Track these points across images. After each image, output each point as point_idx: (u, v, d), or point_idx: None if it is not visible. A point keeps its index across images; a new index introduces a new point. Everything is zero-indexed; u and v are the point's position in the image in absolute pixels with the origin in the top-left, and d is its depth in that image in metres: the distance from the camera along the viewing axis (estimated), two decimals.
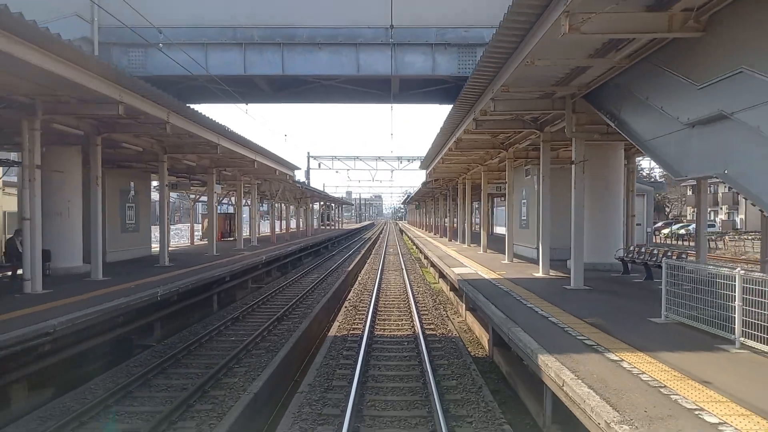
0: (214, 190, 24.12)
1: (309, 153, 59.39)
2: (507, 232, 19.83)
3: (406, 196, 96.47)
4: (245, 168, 25.67)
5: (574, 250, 12.39)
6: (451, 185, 36.75)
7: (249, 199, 33.96)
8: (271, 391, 8.92)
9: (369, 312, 14.78)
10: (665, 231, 50.62)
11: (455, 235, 35.87)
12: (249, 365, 10.08)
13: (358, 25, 14.58)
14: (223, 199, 36.14)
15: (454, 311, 16.61)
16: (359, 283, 23.01)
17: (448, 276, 17.95)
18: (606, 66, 9.49)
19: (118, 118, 12.58)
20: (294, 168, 31.56)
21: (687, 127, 7.49)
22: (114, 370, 9.83)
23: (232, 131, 18.30)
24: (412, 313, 14.95)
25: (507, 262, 18.93)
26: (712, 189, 56.51)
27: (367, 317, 14.07)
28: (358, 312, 15.66)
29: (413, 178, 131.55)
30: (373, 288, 19.95)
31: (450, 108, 15.54)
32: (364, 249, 41.69)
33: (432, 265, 25.33)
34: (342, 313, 15.66)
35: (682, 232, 47.11)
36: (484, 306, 10.80)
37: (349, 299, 18.40)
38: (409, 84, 16.78)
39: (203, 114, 15.08)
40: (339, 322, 14.32)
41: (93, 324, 9.81)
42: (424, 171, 35.19)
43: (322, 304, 15.82)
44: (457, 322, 14.85)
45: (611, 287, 12.57)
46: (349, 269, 25.84)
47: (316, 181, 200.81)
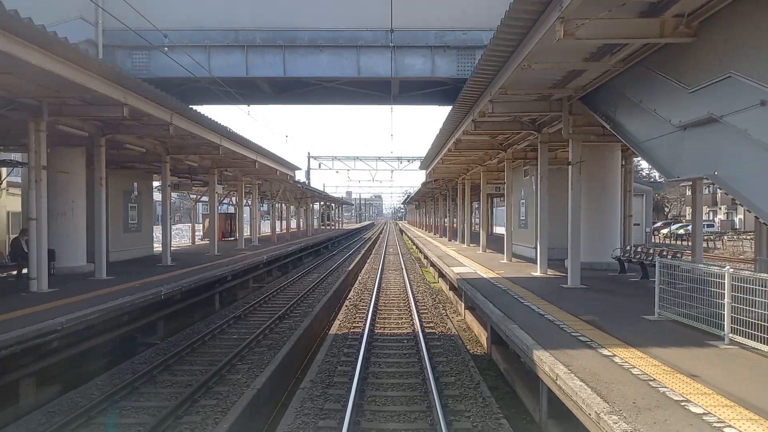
0: (215, 191, 24.32)
1: (309, 153, 59.61)
2: (506, 232, 20.02)
3: (406, 196, 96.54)
4: (246, 168, 25.86)
5: (571, 249, 12.58)
6: (451, 185, 36.92)
7: (250, 199, 34.14)
8: (274, 387, 9.12)
9: (369, 311, 14.97)
10: (664, 231, 50.81)
11: (455, 235, 36.06)
12: (252, 362, 10.25)
13: (359, 28, 14.77)
14: (224, 199, 36.32)
15: (453, 310, 16.79)
16: (359, 282, 23.19)
17: (447, 275, 18.13)
18: (601, 69, 9.70)
19: (123, 119, 12.79)
20: (294, 168, 31.73)
21: (679, 129, 7.69)
22: (120, 366, 10.01)
23: (234, 132, 18.50)
24: (412, 311, 15.13)
25: (506, 261, 19.11)
26: (710, 189, 56.54)
27: (367, 316, 14.26)
28: (359, 311, 15.84)
29: (413, 179, 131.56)
30: (373, 287, 20.13)
31: (449, 109, 15.72)
32: (364, 249, 41.85)
33: (431, 264, 25.51)
34: (343, 312, 15.85)
35: (681, 232, 47.29)
36: (482, 304, 10.99)
37: (349, 298, 18.58)
38: (408, 86, 16.95)
39: (205, 115, 15.26)
40: (340, 320, 14.51)
41: (99, 322, 10.01)
42: (424, 171, 35.33)
43: (322, 303, 15.99)
44: (456, 321, 15.04)
45: (607, 286, 12.76)
46: (349, 269, 26.00)
47: (317, 181, 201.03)
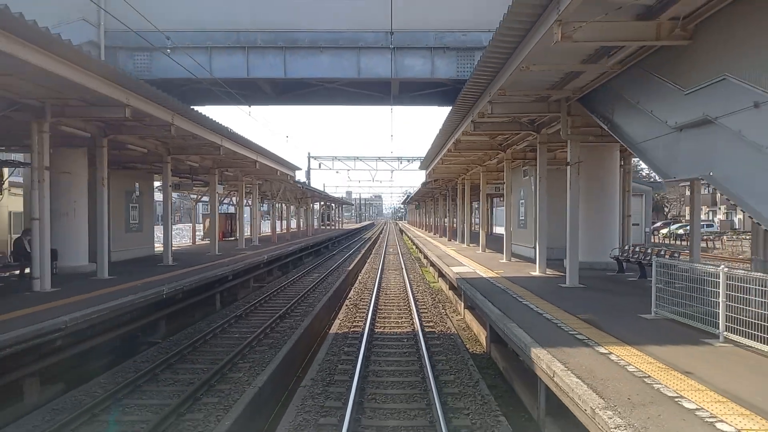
0: (216, 191, 24.43)
1: (309, 153, 59.74)
2: (505, 232, 20.12)
3: (406, 196, 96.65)
4: (247, 168, 25.95)
5: (569, 249, 12.67)
6: (451, 185, 37.02)
7: (250, 199, 34.24)
8: (275, 385, 9.23)
9: (369, 310, 15.07)
10: (664, 231, 50.87)
11: (455, 234, 36.16)
12: (253, 361, 10.36)
13: (359, 30, 14.89)
14: (225, 199, 36.43)
15: (453, 309, 16.89)
16: (359, 282, 23.30)
17: (447, 275, 18.23)
18: (598, 71, 9.80)
19: (125, 120, 12.91)
20: (295, 168, 31.82)
21: (675, 130, 7.79)
22: (122, 365, 10.12)
23: (235, 133, 18.61)
24: (412, 311, 15.23)
25: (505, 261, 19.21)
26: (709, 189, 56.58)
27: (367, 315, 14.36)
28: (359, 310, 15.95)
29: (413, 179, 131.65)
30: (374, 287, 20.23)
31: (449, 110, 15.83)
32: (365, 249, 41.96)
33: (431, 264, 25.61)
34: (343, 311, 15.95)
35: (681, 232, 47.35)
36: (481, 304, 11.09)
37: (349, 298, 18.68)
38: (408, 86, 17.06)
39: (207, 116, 15.35)
40: (340, 319, 14.61)
41: (101, 321, 10.10)
42: (424, 171, 35.42)
43: (323, 302, 16.09)
44: (456, 320, 15.14)
45: (606, 285, 12.86)
46: (349, 269, 26.10)
47: (317, 181, 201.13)
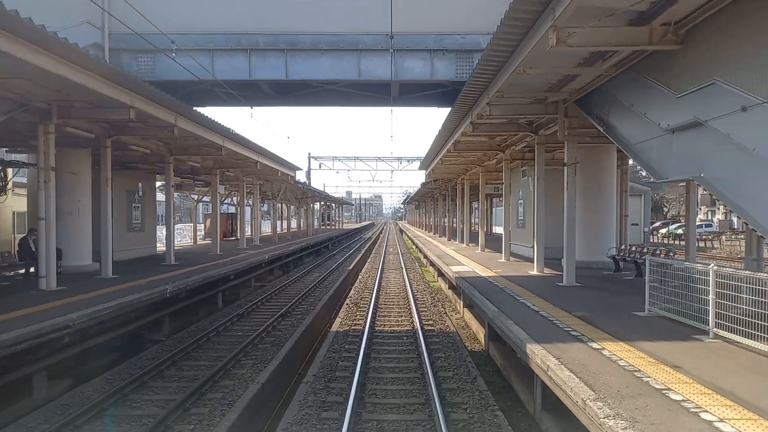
0: (217, 191, 24.63)
1: (310, 154, 59.90)
2: (504, 232, 20.33)
3: (406, 196, 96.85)
4: (248, 169, 26.16)
5: (566, 248, 12.88)
6: (450, 185, 37.22)
7: (251, 199, 34.45)
8: (278, 381, 9.44)
9: (369, 309, 15.28)
10: (663, 231, 51.08)
11: (454, 234, 36.36)
12: (256, 358, 10.57)
13: (360, 32, 15.08)
14: (226, 199, 36.62)
15: (452, 308, 17.09)
16: (360, 281, 23.50)
17: (446, 274, 18.44)
18: (594, 74, 10.01)
19: (129, 121, 13.10)
20: (295, 169, 32.03)
21: (667, 132, 8.00)
22: (129, 361, 10.33)
23: (236, 133, 18.82)
24: (412, 310, 15.43)
25: (504, 260, 19.42)
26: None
27: (367, 314, 14.57)
28: (359, 309, 16.15)
29: (413, 179, 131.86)
30: (374, 286, 20.43)
31: (448, 111, 16.04)
32: (365, 249, 42.17)
33: (431, 263, 25.81)
34: (344, 310, 16.15)
35: (680, 231, 47.54)
36: (479, 302, 11.30)
37: (350, 297, 18.89)
38: (408, 88, 17.24)
39: (209, 117, 15.56)
40: (341, 318, 14.82)
41: (108, 318, 10.32)
42: (424, 171, 35.63)
43: (324, 301, 16.30)
44: (455, 319, 15.34)
45: (602, 284, 13.07)
46: (349, 268, 26.30)
47: (317, 181, 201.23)
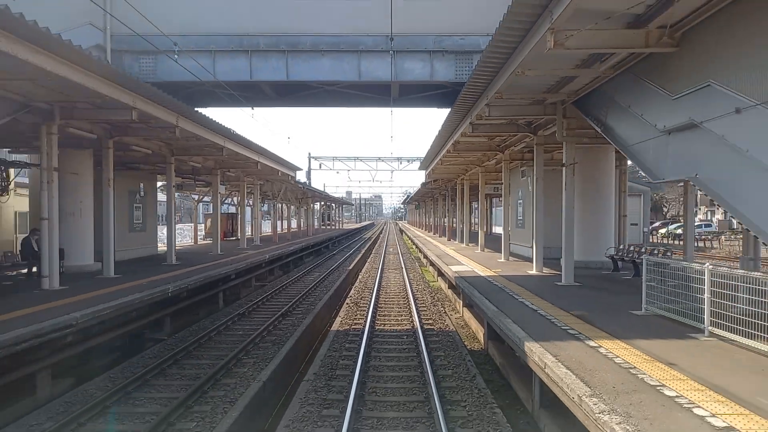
0: (218, 191, 24.74)
1: (310, 154, 60.01)
2: (503, 232, 20.43)
3: (406, 196, 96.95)
4: (249, 169, 26.26)
5: (564, 248, 12.98)
6: (450, 186, 37.33)
7: (251, 199, 34.56)
8: (279, 379, 9.54)
9: (370, 308, 15.39)
10: (662, 231, 51.17)
11: (454, 234, 36.47)
12: (257, 357, 10.67)
13: (360, 34, 15.20)
14: (226, 199, 36.72)
15: (451, 308, 17.19)
16: (360, 281, 23.61)
17: (446, 274, 18.54)
18: (591, 76, 10.11)
19: (131, 122, 13.21)
20: (296, 169, 32.14)
21: (664, 133, 8.10)
22: (131, 360, 10.43)
23: (237, 134, 18.92)
24: (411, 309, 15.54)
25: (503, 260, 19.52)
26: None
27: (368, 313, 14.68)
28: (359, 308, 16.26)
29: (413, 178, 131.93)
30: (374, 286, 20.54)
31: (448, 111, 16.14)
32: (365, 249, 42.27)
33: (431, 263, 25.92)
34: (344, 309, 16.26)
35: (679, 231, 47.60)
36: (479, 301, 11.40)
37: (350, 296, 19.00)
38: (408, 89, 17.36)
39: (210, 118, 15.65)
40: (341, 317, 14.92)
41: (110, 318, 10.42)
42: (424, 171, 35.74)
43: (324, 301, 16.40)
44: (455, 318, 15.45)
45: (600, 284, 13.17)
46: (349, 268, 26.39)
47: (317, 181, 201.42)
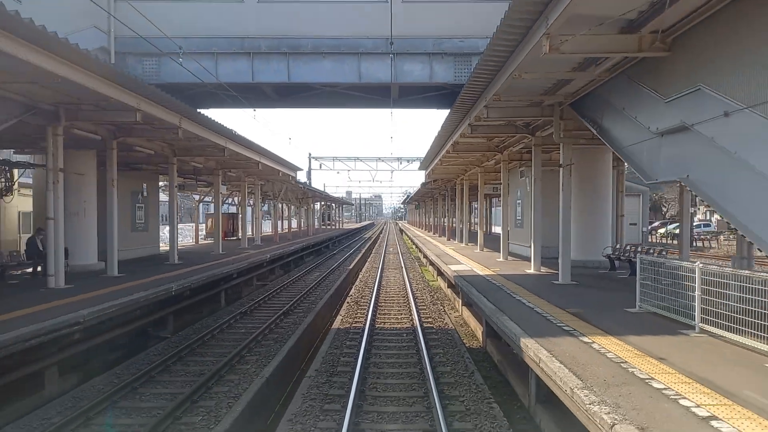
0: (219, 191, 24.95)
1: (310, 154, 60.24)
2: (502, 232, 20.64)
3: (406, 196, 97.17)
4: (250, 169, 26.48)
5: (561, 248, 13.19)
6: (450, 186, 37.54)
7: (252, 199, 34.77)
8: (282, 376, 9.75)
9: (370, 307, 15.59)
10: (661, 231, 51.34)
11: (454, 234, 36.68)
12: (259, 354, 10.89)
13: (360, 36, 15.41)
14: (227, 199, 36.93)
15: (451, 307, 17.40)
16: (360, 280, 23.82)
17: (445, 273, 18.75)
18: (587, 79, 10.33)
19: (135, 123, 13.43)
20: (296, 169, 32.37)
21: (657, 135, 8.32)
22: (135, 357, 10.65)
23: (239, 135, 19.14)
24: (411, 308, 15.75)
25: (502, 260, 19.72)
26: None
27: (368, 311, 14.88)
28: (360, 307, 16.47)
29: (413, 178, 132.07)
30: (374, 285, 20.74)
31: (447, 112, 16.36)
32: (365, 248, 42.47)
33: (431, 263, 26.13)
34: (344, 308, 16.48)
35: (678, 231, 47.80)
36: (477, 300, 11.61)
37: (350, 295, 19.21)
38: (408, 90, 17.56)
39: (212, 119, 15.88)
40: (342, 316, 15.14)
41: (116, 315, 10.64)
42: (424, 172, 35.95)
43: (325, 300, 16.62)
44: (454, 317, 15.65)
45: (597, 282, 13.39)
46: (350, 267, 26.60)
47: (317, 181, 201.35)
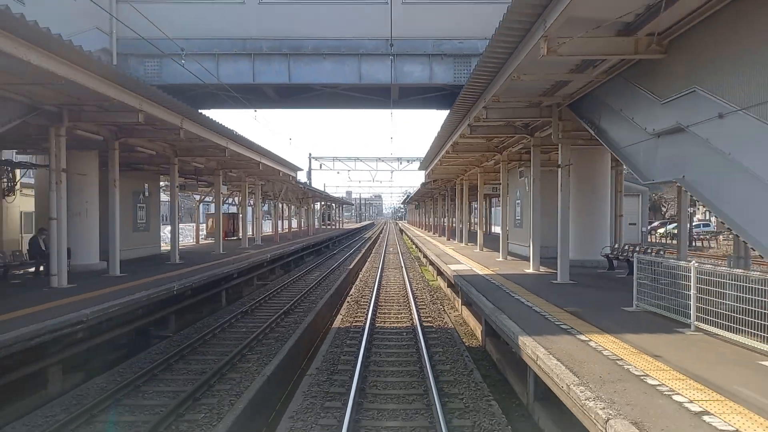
0: (220, 191, 25.06)
1: (311, 154, 60.31)
2: (501, 232, 20.75)
3: (406, 196, 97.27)
4: (250, 169, 26.59)
5: (560, 247, 13.30)
6: (450, 186, 37.64)
7: (252, 199, 34.88)
8: (283, 374, 9.86)
9: (370, 306, 15.70)
10: (661, 230, 51.43)
11: (453, 234, 36.78)
12: (261, 353, 10.99)
13: (361, 37, 15.53)
14: (228, 199, 37.03)
15: (450, 306, 17.50)
16: (360, 280, 23.92)
17: (445, 273, 18.85)
18: (585, 80, 10.44)
19: (137, 124, 13.54)
20: (296, 169, 32.49)
21: (653, 137, 8.43)
22: (138, 356, 10.75)
23: (240, 135, 19.25)
24: (411, 307, 15.86)
25: (501, 259, 19.83)
26: None
27: (368, 311, 14.99)
28: (360, 306, 16.58)
29: (413, 178, 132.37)
30: (374, 285, 20.85)
31: (447, 113, 16.46)
32: (365, 248, 42.57)
33: (430, 263, 26.23)
34: (345, 307, 16.58)
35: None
36: (476, 299, 11.72)
37: (351, 295, 19.32)
38: (408, 91, 17.68)
39: (213, 120, 16.00)
40: (342, 315, 15.25)
41: (118, 314, 10.75)
42: (423, 172, 36.05)
43: (325, 299, 16.72)
44: (453, 316, 15.75)
45: (595, 282, 13.50)
46: (350, 267, 26.70)
47: (318, 181, 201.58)
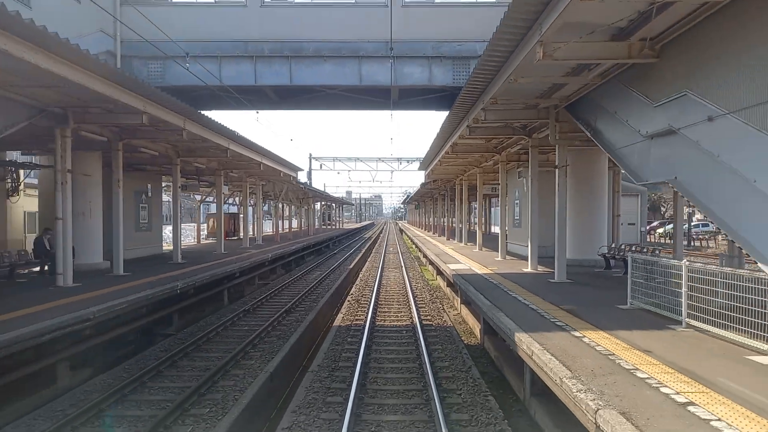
0: (222, 191, 25.26)
1: (311, 154, 60.49)
2: (500, 231, 20.96)
3: (406, 196, 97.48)
4: (251, 170, 26.79)
5: (557, 247, 13.51)
6: (449, 186, 37.85)
7: (253, 199, 35.08)
8: (285, 371, 10.07)
9: (370, 305, 15.91)
10: (660, 230, 51.62)
11: (453, 234, 36.99)
12: (263, 350, 11.20)
13: (361, 40, 15.76)
14: (229, 199, 37.23)
15: (450, 305, 17.70)
16: (360, 279, 24.11)
17: (444, 272, 19.06)
18: (580, 83, 10.66)
19: (141, 125, 13.74)
20: (297, 169, 32.69)
21: (647, 138, 8.64)
22: (143, 354, 10.97)
23: (241, 136, 19.46)
24: (411, 306, 16.06)
25: (500, 259, 20.04)
26: None
27: (368, 309, 15.20)
28: (360, 305, 16.78)
29: (413, 178, 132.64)
30: (374, 284, 21.05)
31: (446, 114, 16.68)
32: (365, 248, 42.78)
33: (430, 262, 26.43)
34: (345, 306, 16.78)
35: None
36: (475, 297, 11.93)
37: (351, 294, 19.52)
38: (407, 92, 17.91)
39: (215, 121, 16.21)
40: (343, 313, 15.45)
41: (124, 312, 10.96)
42: (423, 172, 36.26)
43: (326, 298, 16.93)
44: (453, 315, 15.96)
45: (591, 281, 13.71)
46: (350, 267, 26.90)
47: (318, 181, 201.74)
